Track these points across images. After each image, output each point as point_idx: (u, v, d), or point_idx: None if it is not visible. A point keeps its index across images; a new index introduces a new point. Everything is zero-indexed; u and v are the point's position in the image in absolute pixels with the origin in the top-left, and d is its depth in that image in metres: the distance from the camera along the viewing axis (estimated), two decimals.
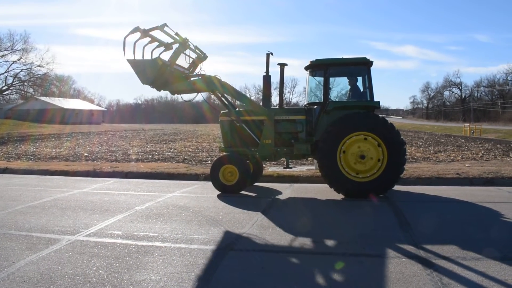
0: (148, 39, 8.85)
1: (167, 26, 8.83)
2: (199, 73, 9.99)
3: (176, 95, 9.94)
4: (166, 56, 9.05)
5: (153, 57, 8.93)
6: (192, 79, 9.74)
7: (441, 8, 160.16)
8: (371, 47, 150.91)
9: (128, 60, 8.79)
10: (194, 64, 10.39)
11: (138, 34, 8.66)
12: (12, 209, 7.95)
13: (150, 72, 8.85)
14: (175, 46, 9.11)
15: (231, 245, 5.60)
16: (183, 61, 9.79)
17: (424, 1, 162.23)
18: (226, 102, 10.10)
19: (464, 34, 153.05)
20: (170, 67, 9.07)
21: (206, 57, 10.56)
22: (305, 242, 5.76)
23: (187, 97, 10.11)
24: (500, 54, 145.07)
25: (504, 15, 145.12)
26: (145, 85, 9.04)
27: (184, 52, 9.52)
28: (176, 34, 9.07)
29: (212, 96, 10.28)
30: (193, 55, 10.17)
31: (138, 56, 8.86)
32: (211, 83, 9.53)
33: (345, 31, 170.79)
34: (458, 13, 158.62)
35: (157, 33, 8.92)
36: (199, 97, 9.96)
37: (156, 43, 9.07)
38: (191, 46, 9.70)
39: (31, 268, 4.72)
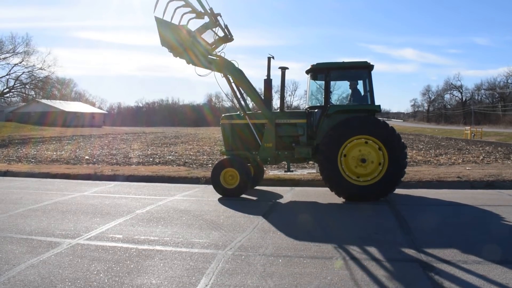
0: (182, 2, 8.94)
1: None
2: (221, 53, 9.93)
3: (191, 65, 9.79)
4: (194, 25, 9.13)
5: (182, 23, 9.01)
6: (210, 57, 9.67)
7: (440, 11, 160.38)
8: (370, 50, 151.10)
9: (156, 18, 8.81)
10: (217, 42, 10.16)
11: None
12: (13, 212, 7.96)
13: (173, 36, 8.90)
14: (206, 18, 9.17)
15: (232, 249, 5.60)
16: (208, 36, 9.76)
17: (423, 4, 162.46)
18: (235, 89, 10.00)
19: (463, 37, 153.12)
20: (192, 39, 9.07)
21: (232, 39, 10.30)
22: (306, 245, 5.76)
23: (200, 71, 9.85)
24: (499, 57, 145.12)
25: (503, 18, 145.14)
26: (163, 48, 9.07)
27: (213, 28, 9.54)
28: (210, 9, 9.15)
29: (213, 99, 10.27)
30: (220, 33, 10.03)
31: (167, 17, 8.88)
32: (227, 67, 9.53)
33: (344, 35, 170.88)
34: (457, 16, 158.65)
35: (192, 1, 9.02)
36: (200, 99, 10.02)
37: (189, 9, 9.14)
38: (221, 24, 9.67)
39: (32, 271, 4.72)
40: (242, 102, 10.06)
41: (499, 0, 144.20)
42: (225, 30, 9.94)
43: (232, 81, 9.79)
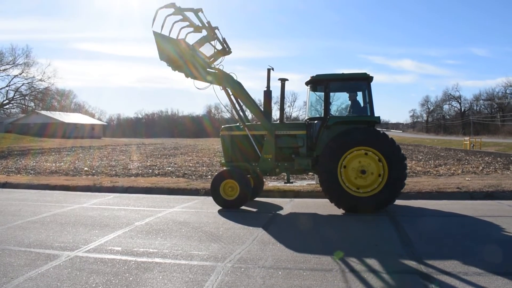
0: (180, 17, 8.94)
1: (202, 12, 8.96)
2: (219, 66, 10.00)
3: (189, 78, 9.84)
4: (192, 39, 9.18)
5: (180, 37, 9.04)
6: (208, 69, 9.72)
7: (438, 22, 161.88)
8: (369, 61, 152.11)
9: (154, 32, 8.82)
10: (216, 55, 10.27)
11: (171, 10, 8.76)
12: (11, 224, 7.93)
13: (171, 50, 8.91)
14: (204, 32, 9.21)
15: (231, 261, 5.57)
16: (206, 50, 9.82)
17: (421, 16, 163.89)
18: (234, 102, 10.03)
19: (461, 48, 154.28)
20: (191, 52, 9.11)
21: (231, 52, 10.44)
22: (306, 257, 5.73)
23: (199, 84, 9.88)
24: (497, 67, 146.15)
25: (501, 29, 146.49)
26: (161, 61, 9.07)
27: (211, 42, 9.59)
28: (208, 22, 9.19)
29: (213, 110, 10.30)
30: (218, 46, 10.12)
31: (165, 31, 8.93)
32: (226, 80, 9.56)
33: (343, 46, 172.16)
34: (455, 27, 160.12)
35: (190, 15, 9.02)
36: (200, 111, 10.05)
37: (187, 23, 9.18)
38: (219, 37, 9.74)
39: (30, 284, 4.69)
40: (241, 114, 10.08)
41: (497, 11, 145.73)
42: (223, 43, 10.03)
43: (231, 93, 9.83)
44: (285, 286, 4.65)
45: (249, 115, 10.76)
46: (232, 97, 9.90)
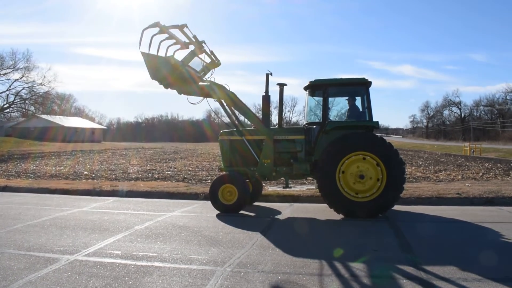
0: (166, 35, 8.93)
1: (187, 27, 8.95)
2: (210, 78, 10.05)
3: (182, 95, 9.88)
4: (180, 55, 9.16)
5: (167, 55, 9.05)
6: (201, 83, 9.76)
7: (438, 28, 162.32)
8: (369, 66, 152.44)
9: (142, 53, 8.85)
10: (206, 69, 10.38)
11: (156, 29, 8.74)
12: (11, 227, 7.93)
13: (161, 68, 8.93)
14: (191, 47, 9.21)
15: (230, 266, 5.57)
16: (196, 64, 9.84)
17: (421, 21, 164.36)
18: (230, 112, 10.08)
19: (461, 53, 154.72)
20: (182, 67, 9.12)
21: (220, 64, 10.56)
22: (305, 262, 5.74)
23: (193, 99, 9.96)
24: (497, 73, 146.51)
25: (501, 35, 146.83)
26: (153, 80, 9.11)
27: (199, 55, 9.59)
28: (194, 37, 9.17)
29: (213, 114, 10.34)
30: (207, 60, 10.19)
31: (153, 51, 8.92)
32: (219, 91, 9.57)
33: (343, 51, 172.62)
34: (455, 33, 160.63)
35: (175, 32, 9.01)
36: (199, 115, 10.08)
37: (173, 41, 9.19)
38: (207, 50, 9.76)
39: None
40: (237, 123, 10.13)
41: (496, 17, 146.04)
42: (211, 55, 10.13)
43: (225, 104, 9.89)
44: None
45: (247, 121, 10.79)
46: (227, 107, 9.97)
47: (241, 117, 10.50)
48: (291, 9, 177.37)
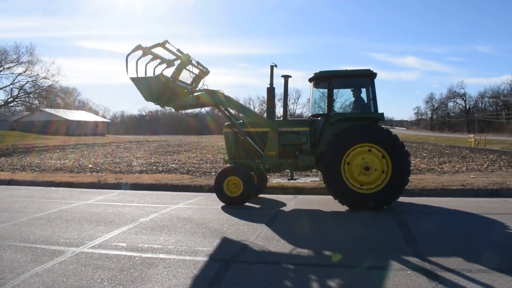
0: (150, 56, 8.95)
1: (169, 43, 8.92)
2: (202, 88, 10.07)
3: (180, 110, 10.04)
4: (168, 72, 9.16)
5: (156, 74, 9.03)
6: (195, 94, 9.80)
7: (441, 19, 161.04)
8: (372, 58, 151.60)
9: (131, 78, 8.91)
10: (197, 79, 10.47)
11: (140, 52, 8.77)
12: (17, 220, 7.98)
13: (154, 88, 8.92)
14: (177, 62, 9.19)
15: (235, 257, 5.59)
16: (185, 77, 9.87)
17: (424, 13, 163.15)
18: (230, 115, 10.13)
19: (465, 45, 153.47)
20: (173, 83, 9.13)
21: (208, 72, 10.65)
22: (309, 254, 5.75)
23: (190, 112, 10.29)
24: (502, 65, 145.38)
25: (505, 26, 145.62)
26: (149, 102, 9.14)
27: (186, 68, 9.59)
28: (178, 50, 9.15)
29: (215, 109, 10.32)
30: (196, 71, 10.24)
31: (141, 74, 8.95)
32: (215, 97, 9.57)
33: (346, 43, 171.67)
34: (459, 24, 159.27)
35: (159, 50, 9.00)
36: (203, 109, 10.04)
37: (159, 60, 9.20)
38: (193, 62, 9.77)
39: (36, 280, 4.73)
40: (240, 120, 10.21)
41: (500, 8, 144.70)
42: (199, 65, 10.16)
43: (224, 109, 9.90)
44: (288, 282, 4.67)
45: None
46: (226, 112, 9.98)
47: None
48: (295, 1, 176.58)
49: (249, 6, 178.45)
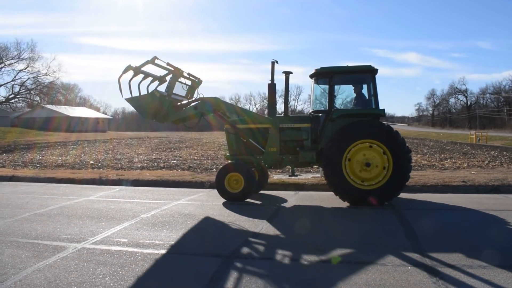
0: (141, 75, 9.09)
1: (158, 58, 9.02)
2: (198, 97, 10.14)
3: (180, 123, 10.19)
4: (162, 88, 9.29)
5: (150, 91, 9.18)
6: (192, 104, 9.86)
7: (442, 15, 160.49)
8: (373, 54, 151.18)
9: (127, 99, 9.12)
10: (191, 90, 10.62)
11: (131, 73, 8.91)
12: (19, 216, 8.01)
13: (150, 105, 9.11)
14: (168, 78, 9.31)
15: (236, 253, 5.61)
16: (180, 90, 10.03)
17: (425, 8, 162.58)
18: (231, 121, 10.12)
19: (466, 41, 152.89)
20: (168, 97, 9.25)
21: (201, 81, 10.78)
22: (310, 250, 5.76)
23: (190, 123, 10.54)
24: (503, 61, 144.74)
25: (506, 21, 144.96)
26: (147, 120, 9.23)
27: (179, 80, 9.70)
28: (168, 64, 9.24)
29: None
30: (188, 82, 10.38)
31: (135, 94, 9.13)
32: (212, 104, 9.66)
33: (347, 39, 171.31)
34: (460, 20, 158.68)
35: (149, 68, 9.14)
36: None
37: (150, 78, 9.34)
38: (184, 74, 9.85)
39: (38, 275, 4.75)
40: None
41: (502, 4, 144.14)
42: (190, 76, 10.24)
43: (222, 114, 9.94)
44: (289, 277, 4.69)
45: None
46: (224, 116, 10.01)
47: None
48: None
49: (250, 2, 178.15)
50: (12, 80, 69.18)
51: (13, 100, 74.37)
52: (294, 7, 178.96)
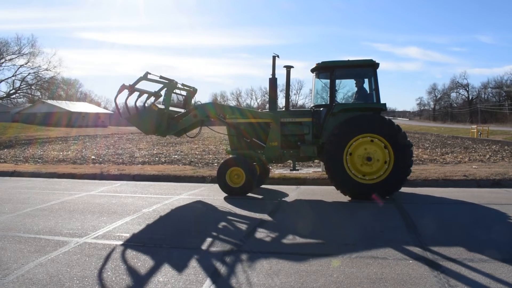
0: (136, 93, 9.22)
1: (150, 73, 9.17)
2: (197, 102, 10.28)
3: (182, 134, 10.36)
4: (159, 102, 9.44)
5: (147, 106, 9.35)
6: (191, 113, 9.87)
7: (444, 9, 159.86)
8: (374, 48, 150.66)
9: (126, 119, 9.35)
10: (187, 100, 10.75)
11: (126, 92, 9.05)
12: (20, 211, 8.03)
13: (150, 121, 9.25)
14: (163, 92, 9.41)
15: (238, 247, 5.62)
16: (176, 101, 10.26)
17: (426, 3, 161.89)
18: (230, 123, 10.12)
19: (467, 35, 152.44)
20: (166, 109, 9.37)
21: (196, 90, 10.93)
22: (312, 244, 5.77)
23: (191, 133, 10.68)
24: (504, 55, 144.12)
25: (507, 16, 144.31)
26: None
27: (174, 91, 9.84)
28: (161, 77, 9.35)
29: (219, 98, 10.41)
30: (183, 92, 10.55)
31: (133, 111, 9.31)
32: (212, 108, 9.79)
33: (348, 33, 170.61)
34: (461, 14, 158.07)
35: (142, 84, 9.26)
36: (205, 99, 10.19)
37: (146, 95, 9.45)
38: (179, 85, 9.95)
39: (40, 270, 4.77)
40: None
41: None
42: (185, 86, 10.37)
43: (222, 117, 9.99)
44: (291, 272, 4.70)
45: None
46: (223, 118, 10.02)
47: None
48: None
49: None
50: (13, 75, 68.92)
51: (14, 96, 74.20)
52: (296, 1, 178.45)
